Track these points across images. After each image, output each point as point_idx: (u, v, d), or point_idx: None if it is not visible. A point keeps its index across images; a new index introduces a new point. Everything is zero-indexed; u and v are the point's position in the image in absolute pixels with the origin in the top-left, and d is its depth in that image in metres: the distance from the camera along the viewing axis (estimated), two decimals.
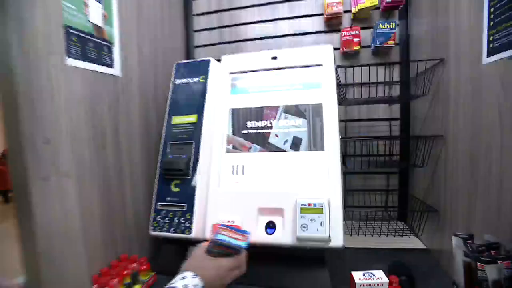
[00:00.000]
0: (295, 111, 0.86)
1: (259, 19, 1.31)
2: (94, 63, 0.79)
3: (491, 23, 0.66)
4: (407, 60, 1.17)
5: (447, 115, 0.86)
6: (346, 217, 1.21)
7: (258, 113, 0.89)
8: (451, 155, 0.84)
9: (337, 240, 0.71)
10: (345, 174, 1.26)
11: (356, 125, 1.26)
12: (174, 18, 1.30)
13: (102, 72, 0.82)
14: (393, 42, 1.11)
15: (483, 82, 0.69)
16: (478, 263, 0.53)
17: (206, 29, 1.38)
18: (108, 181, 0.85)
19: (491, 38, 0.66)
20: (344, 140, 1.21)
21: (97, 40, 0.80)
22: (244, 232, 0.67)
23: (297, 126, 0.84)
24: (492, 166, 0.65)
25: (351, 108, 1.26)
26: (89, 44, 0.76)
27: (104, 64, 0.82)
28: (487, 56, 0.67)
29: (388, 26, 1.11)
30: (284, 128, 0.85)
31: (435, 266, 0.90)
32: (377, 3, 1.11)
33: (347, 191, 1.27)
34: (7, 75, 0.59)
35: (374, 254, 0.98)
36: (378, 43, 1.12)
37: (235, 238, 0.64)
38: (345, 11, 1.20)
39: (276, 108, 0.88)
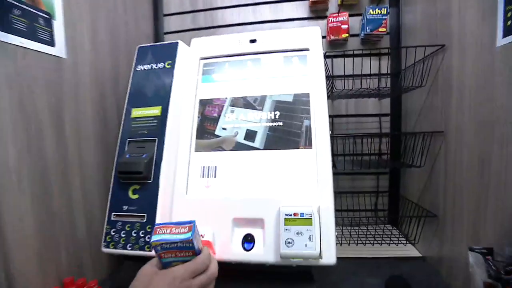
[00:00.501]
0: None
1: (237, 3, 1.17)
2: (24, 37, 0.62)
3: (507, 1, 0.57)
4: (398, 49, 1.07)
5: (449, 107, 0.76)
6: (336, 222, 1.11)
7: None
8: (452, 152, 0.74)
9: (329, 256, 0.58)
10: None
11: (344, 121, 1.16)
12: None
13: (36, 50, 0.65)
14: (384, 29, 1.01)
15: (495, 68, 0.59)
16: None
17: (177, 13, 1.22)
18: (47, 186, 0.68)
19: (509, 14, 0.56)
20: (331, 138, 1.10)
21: (28, 8, 0.63)
22: (187, 223, 0.51)
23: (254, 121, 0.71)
24: (508, 163, 0.55)
25: (338, 102, 1.15)
26: (14, 12, 0.59)
27: (39, 41, 0.66)
28: (503, 37, 0.57)
29: (379, 12, 1.00)
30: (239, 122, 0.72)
31: (434, 275, 0.80)
32: None
33: (334, 193, 1.16)
34: None
35: (367, 265, 0.88)
36: (368, 31, 1.02)
37: (179, 234, 0.49)
38: None
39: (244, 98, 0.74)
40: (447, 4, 0.76)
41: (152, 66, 0.82)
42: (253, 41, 0.80)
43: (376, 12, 1.00)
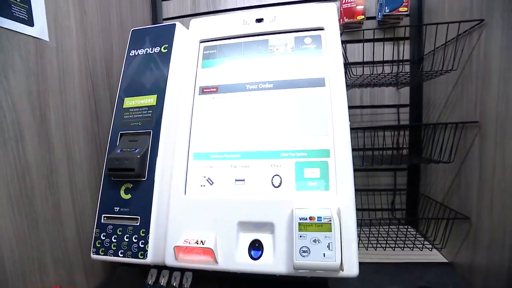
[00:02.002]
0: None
1: None
2: None
3: None
4: (419, 35, 0.96)
5: (486, 95, 0.66)
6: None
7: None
8: (492, 146, 0.65)
9: (351, 266, 0.49)
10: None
11: (358, 113, 1.06)
12: None
13: (9, 29, 0.56)
14: (405, 9, 0.91)
15: None
16: None
17: None
18: (27, 188, 0.60)
19: None
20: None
21: None
22: None
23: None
24: None
25: (352, 92, 1.05)
26: None
27: (14, 18, 0.57)
28: None
29: None
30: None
31: (465, 284, 0.71)
32: None
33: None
34: None
35: (388, 271, 0.79)
36: (387, 11, 0.91)
37: None
38: None
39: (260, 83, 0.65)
40: None
41: (147, 50, 0.74)
42: (259, 20, 0.70)
43: None
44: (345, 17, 0.96)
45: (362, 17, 0.95)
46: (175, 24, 0.74)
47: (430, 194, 0.95)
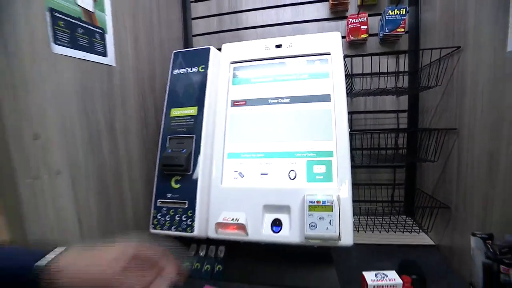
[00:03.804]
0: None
1: (260, 6, 1.24)
2: (85, 51, 0.73)
3: None
4: (416, 49, 1.11)
5: (463, 107, 0.81)
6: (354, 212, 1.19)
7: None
8: (465, 149, 0.80)
9: (347, 238, 0.67)
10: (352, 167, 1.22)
11: (362, 117, 1.22)
12: (171, 5, 1.24)
13: (94, 62, 0.76)
14: (403, 29, 1.06)
15: (506, 72, 0.64)
16: (502, 266, 0.50)
17: (204, 16, 1.31)
18: (104, 179, 0.80)
19: None
20: (350, 133, 1.16)
21: (87, 26, 0.74)
22: None
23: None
24: None
25: (357, 99, 1.21)
26: (79, 31, 0.70)
27: (96, 53, 0.77)
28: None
29: (398, 13, 1.05)
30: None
31: (446, 263, 0.87)
32: None
33: (352, 185, 1.23)
34: None
35: (382, 250, 0.95)
36: (386, 31, 1.07)
37: None
38: None
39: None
40: (464, 3, 0.80)
41: (187, 70, 0.92)
42: (278, 46, 0.88)
43: (395, 13, 1.05)
44: (351, 36, 1.12)
45: (366, 35, 1.11)
46: (209, 48, 0.92)
47: (424, 188, 1.10)
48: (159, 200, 0.83)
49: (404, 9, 1.05)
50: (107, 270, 0.38)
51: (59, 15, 0.65)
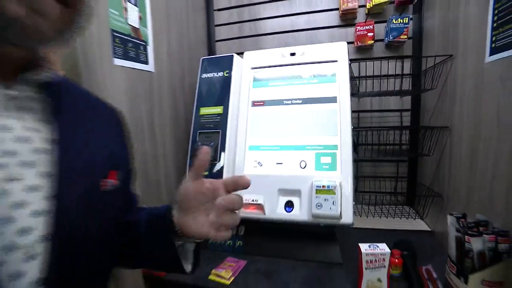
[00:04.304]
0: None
1: (277, 14, 1.38)
2: (133, 61, 0.89)
3: (495, 24, 0.73)
4: (419, 54, 1.22)
5: (453, 108, 0.93)
6: (357, 201, 1.32)
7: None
8: (455, 145, 0.92)
9: (347, 217, 0.81)
10: (357, 161, 1.35)
11: (368, 116, 1.34)
12: (197, 13, 1.39)
13: (139, 69, 0.92)
14: (405, 36, 1.17)
15: (484, 79, 0.76)
16: (466, 236, 0.63)
17: (226, 23, 1.46)
18: (145, 165, 0.97)
19: (494, 38, 0.72)
20: (357, 130, 1.29)
21: (135, 40, 0.90)
22: None
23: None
24: (489, 157, 0.73)
25: (364, 99, 1.33)
26: (129, 45, 0.86)
27: (140, 62, 0.93)
28: (490, 55, 0.74)
29: (401, 21, 1.16)
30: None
31: (437, 245, 0.99)
32: None
33: (359, 177, 1.36)
34: (75, 76, 0.70)
35: (382, 234, 1.08)
36: (391, 38, 1.18)
37: None
38: (360, 6, 1.25)
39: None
40: (456, 15, 0.91)
41: (213, 74, 1.07)
42: (293, 54, 1.02)
43: (399, 22, 1.16)
44: (358, 42, 1.24)
45: (372, 42, 1.22)
46: (233, 55, 1.07)
47: (424, 181, 1.22)
48: None
49: (407, 18, 1.16)
50: None
51: (117, 34, 0.82)
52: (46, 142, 0.37)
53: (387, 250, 0.72)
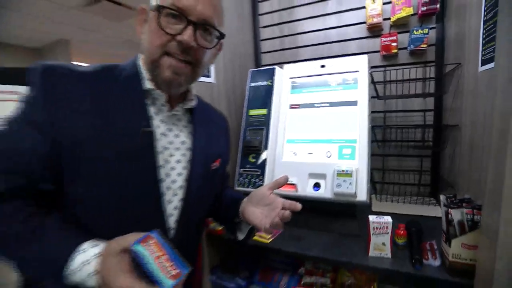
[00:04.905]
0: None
1: (312, 29, 1.62)
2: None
3: (484, 41, 0.90)
4: (441, 59, 1.37)
5: (461, 108, 1.10)
6: (383, 191, 1.50)
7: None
8: (462, 141, 1.09)
9: (362, 196, 1.04)
10: (383, 155, 1.53)
11: (393, 116, 1.52)
12: (246, 30, 1.69)
13: (204, 81, 1.25)
14: (425, 45, 1.33)
15: (478, 86, 0.93)
16: (449, 209, 0.83)
17: (270, 38, 1.74)
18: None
19: (484, 52, 0.90)
20: (383, 128, 1.48)
21: None
22: (180, 266, 0.48)
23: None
24: (482, 151, 0.91)
25: (389, 101, 1.51)
26: None
27: (205, 76, 1.25)
28: (481, 66, 0.91)
29: (421, 32, 1.33)
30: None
31: None
32: (412, 12, 1.34)
33: (384, 170, 1.54)
34: None
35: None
36: (412, 47, 1.35)
37: (162, 268, 0.46)
38: (385, 19, 1.44)
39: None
40: (463, 27, 1.07)
41: (260, 83, 1.36)
42: (323, 66, 1.26)
43: (419, 32, 1.33)
44: (383, 51, 1.43)
45: (396, 50, 1.41)
46: (274, 68, 1.35)
47: (444, 174, 1.37)
48: (241, 168, 1.30)
49: (426, 29, 1.32)
50: None
51: None
52: (187, 137, 0.72)
53: (390, 220, 0.94)
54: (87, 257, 0.51)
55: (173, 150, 0.69)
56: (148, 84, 0.65)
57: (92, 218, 0.60)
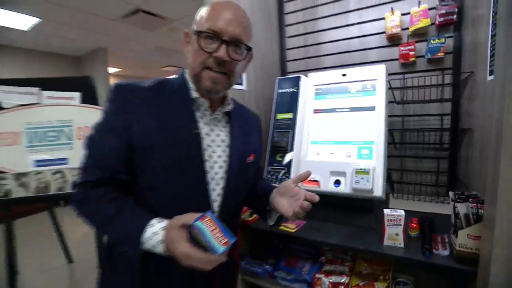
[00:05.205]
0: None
1: (335, 39, 1.75)
2: (237, 84, 1.39)
3: (491, 53, 1.00)
4: (458, 66, 1.45)
5: (474, 113, 1.19)
6: (402, 191, 1.60)
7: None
8: (475, 144, 1.18)
9: (378, 192, 1.16)
10: (401, 157, 1.63)
11: (411, 119, 1.61)
12: (273, 40, 1.85)
13: (237, 89, 1.42)
14: (442, 54, 1.42)
15: (487, 93, 1.03)
16: (455, 203, 0.94)
17: (295, 47, 1.89)
18: None
19: (491, 63, 1.00)
20: (401, 131, 1.58)
21: None
22: (229, 237, 0.63)
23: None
24: (490, 153, 1.00)
25: (407, 106, 1.60)
26: None
27: (238, 84, 1.42)
28: (489, 75, 1.01)
29: (438, 41, 1.42)
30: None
31: None
32: (429, 23, 1.43)
33: (402, 171, 1.64)
34: None
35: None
36: (429, 55, 1.45)
37: (215, 237, 0.62)
38: (403, 29, 1.54)
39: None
40: (475, 37, 1.17)
41: (286, 90, 1.52)
42: (344, 75, 1.39)
43: (436, 42, 1.42)
44: (401, 59, 1.54)
45: (413, 59, 1.51)
46: (300, 76, 1.50)
47: (460, 174, 1.46)
48: (269, 166, 1.45)
49: (443, 39, 1.41)
50: None
51: None
52: (226, 136, 0.89)
53: (403, 213, 1.06)
54: (155, 229, 0.69)
55: (215, 147, 0.86)
56: (194, 94, 0.83)
57: (155, 201, 0.79)
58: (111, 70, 6.80)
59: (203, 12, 0.80)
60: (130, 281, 0.79)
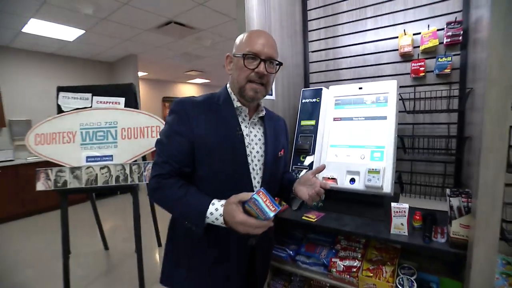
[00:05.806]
0: None
1: (352, 54, 1.97)
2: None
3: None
4: (464, 81, 1.64)
5: (473, 123, 1.38)
6: (411, 191, 1.79)
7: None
8: (473, 150, 1.37)
9: (387, 189, 1.38)
10: (412, 161, 1.82)
11: (421, 127, 1.81)
12: (298, 54, 2.10)
13: (268, 99, 1.67)
14: (448, 70, 1.62)
15: (485, 107, 1.22)
16: (449, 198, 1.15)
17: (316, 61, 2.12)
18: None
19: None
20: (412, 137, 1.78)
21: None
22: (276, 205, 0.82)
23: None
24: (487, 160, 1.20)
25: (417, 115, 1.80)
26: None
27: (269, 95, 1.68)
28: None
29: (445, 59, 1.62)
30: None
31: None
32: (437, 43, 1.63)
33: (412, 173, 1.83)
34: None
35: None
36: (437, 71, 1.65)
37: (267, 206, 0.81)
38: (415, 47, 1.74)
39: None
40: (474, 57, 1.36)
41: (309, 100, 1.76)
42: (360, 88, 1.62)
43: (443, 60, 1.62)
44: (413, 74, 1.74)
45: (423, 74, 1.71)
46: (322, 88, 1.73)
47: (462, 179, 1.64)
48: (294, 166, 1.70)
49: (450, 57, 1.61)
50: None
51: None
52: (261, 136, 1.15)
53: (407, 206, 1.27)
54: (217, 206, 0.95)
55: (254, 145, 1.12)
56: (237, 103, 1.09)
57: (211, 187, 1.05)
58: (140, 74, 7.25)
59: (242, 38, 1.07)
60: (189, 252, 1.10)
